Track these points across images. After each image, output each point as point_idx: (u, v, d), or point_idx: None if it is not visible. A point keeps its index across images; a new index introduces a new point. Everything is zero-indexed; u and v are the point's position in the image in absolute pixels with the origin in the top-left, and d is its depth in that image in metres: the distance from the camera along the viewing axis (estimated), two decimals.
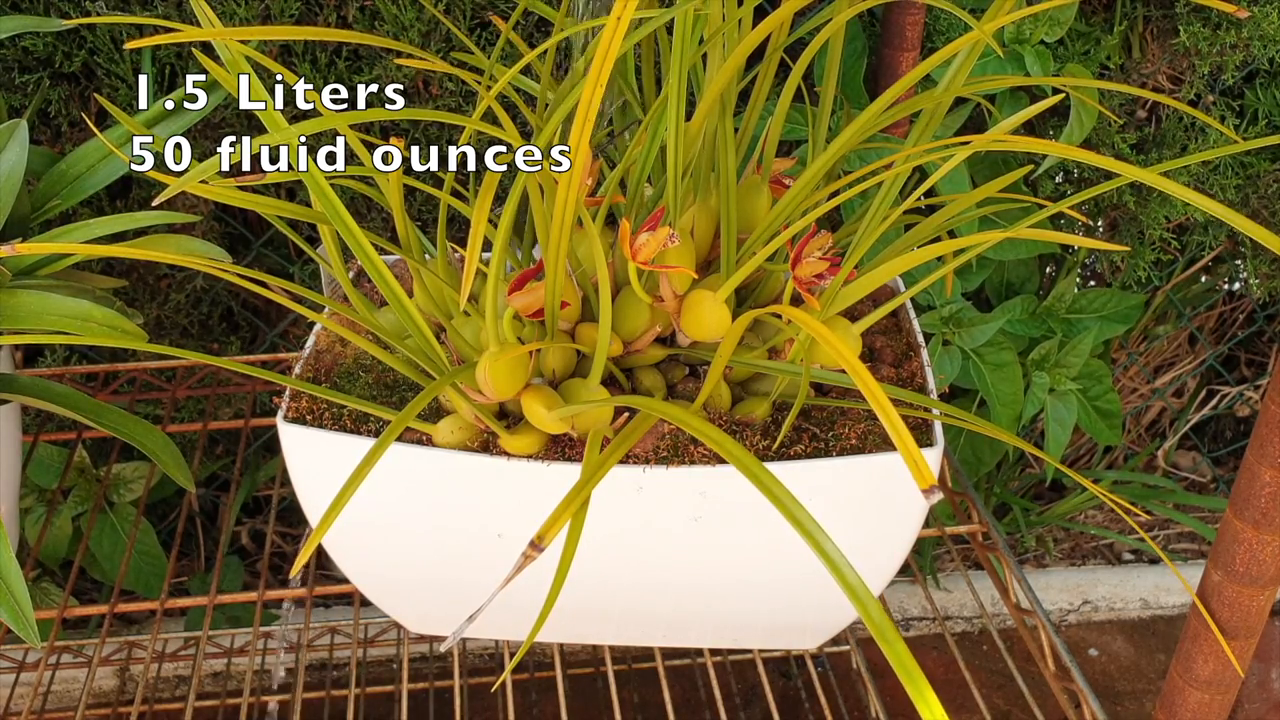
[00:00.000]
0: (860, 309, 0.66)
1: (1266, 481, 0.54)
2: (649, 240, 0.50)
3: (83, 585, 1.15)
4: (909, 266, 0.50)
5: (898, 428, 0.35)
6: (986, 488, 1.27)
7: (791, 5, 0.46)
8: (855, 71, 0.91)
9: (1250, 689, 0.93)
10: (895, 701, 1.10)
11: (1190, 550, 1.39)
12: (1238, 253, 1.18)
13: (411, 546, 0.60)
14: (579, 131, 0.42)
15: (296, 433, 0.57)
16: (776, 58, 0.58)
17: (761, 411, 0.57)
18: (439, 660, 1.16)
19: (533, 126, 0.58)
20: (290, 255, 1.01)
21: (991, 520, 0.77)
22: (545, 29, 0.88)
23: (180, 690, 1.17)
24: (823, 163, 0.53)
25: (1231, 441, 1.42)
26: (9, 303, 0.62)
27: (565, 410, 0.52)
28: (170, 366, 0.96)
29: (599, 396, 0.53)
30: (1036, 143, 0.46)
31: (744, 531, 0.57)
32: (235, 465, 0.94)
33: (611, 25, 0.39)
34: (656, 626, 0.67)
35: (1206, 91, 1.01)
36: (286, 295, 0.73)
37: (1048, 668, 0.68)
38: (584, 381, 0.54)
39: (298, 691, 0.72)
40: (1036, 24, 0.87)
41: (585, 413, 0.53)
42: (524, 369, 0.52)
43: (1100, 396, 1.08)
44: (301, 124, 0.44)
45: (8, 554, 0.58)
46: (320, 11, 0.86)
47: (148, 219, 0.68)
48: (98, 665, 0.75)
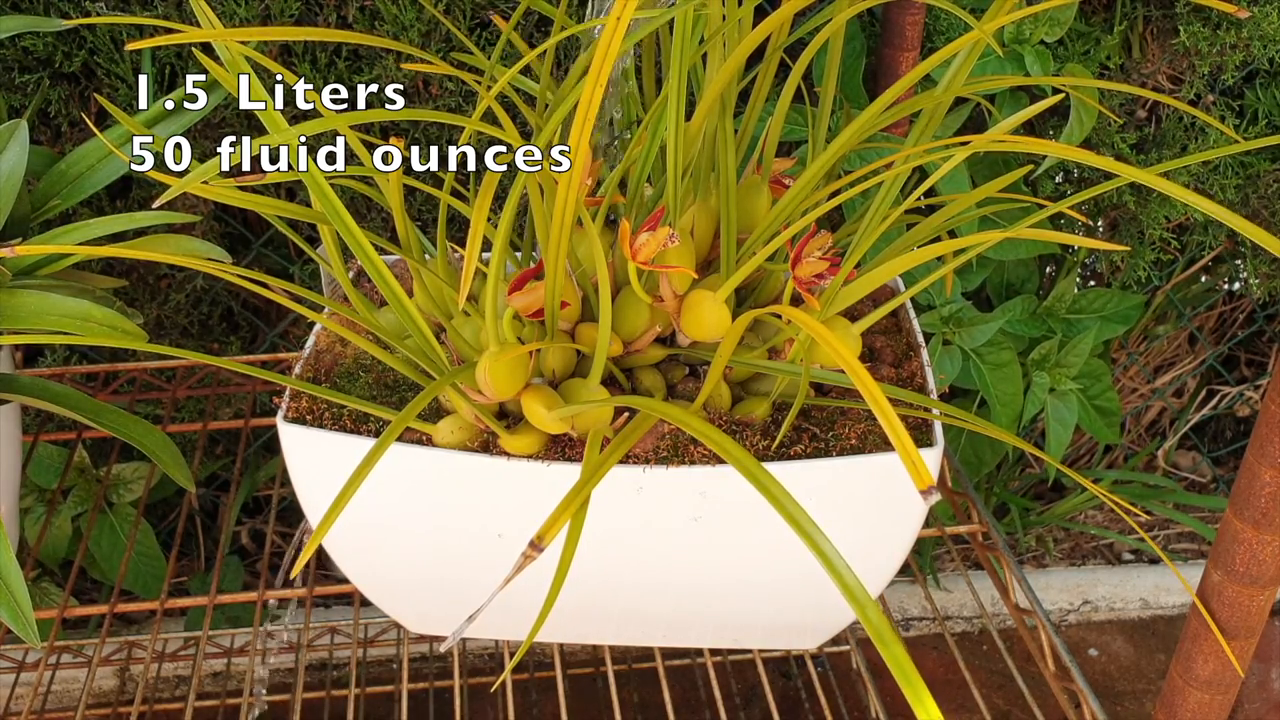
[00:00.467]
0: (860, 309, 0.66)
1: (1266, 481, 0.54)
2: (649, 240, 0.50)
3: (83, 585, 1.16)
4: (909, 266, 0.50)
5: (896, 428, 0.35)
6: (986, 488, 1.27)
7: (792, 5, 0.46)
8: (855, 71, 0.91)
9: (1250, 689, 0.93)
10: (895, 702, 1.10)
11: (1190, 550, 1.39)
12: (1238, 253, 1.18)
13: (411, 546, 0.60)
14: (579, 131, 0.42)
15: (296, 433, 0.57)
16: (776, 58, 0.58)
17: (761, 411, 0.57)
18: (439, 660, 1.16)
19: (533, 126, 0.58)
20: (290, 255, 1.01)
21: (991, 520, 0.77)
22: (545, 29, 0.88)
23: (180, 690, 1.17)
24: (823, 163, 0.53)
25: (1231, 441, 1.42)
26: (9, 303, 0.62)
27: (565, 410, 0.52)
28: (170, 366, 0.96)
29: (599, 396, 0.53)
30: (1036, 143, 0.46)
31: (744, 531, 0.57)
32: (235, 465, 0.94)
33: (611, 25, 0.39)
34: (656, 626, 0.67)
35: (1206, 91, 1.01)
36: (286, 295, 0.73)
37: (1048, 668, 0.68)
38: (584, 381, 0.54)
39: (298, 691, 0.72)
40: (1036, 24, 0.87)
41: (585, 413, 0.53)
42: (524, 369, 0.52)
43: (1100, 395, 1.08)
44: (302, 124, 0.44)
45: (8, 554, 0.58)
46: (320, 11, 0.86)
47: (148, 219, 0.68)
48: (98, 665, 0.75)
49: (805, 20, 0.59)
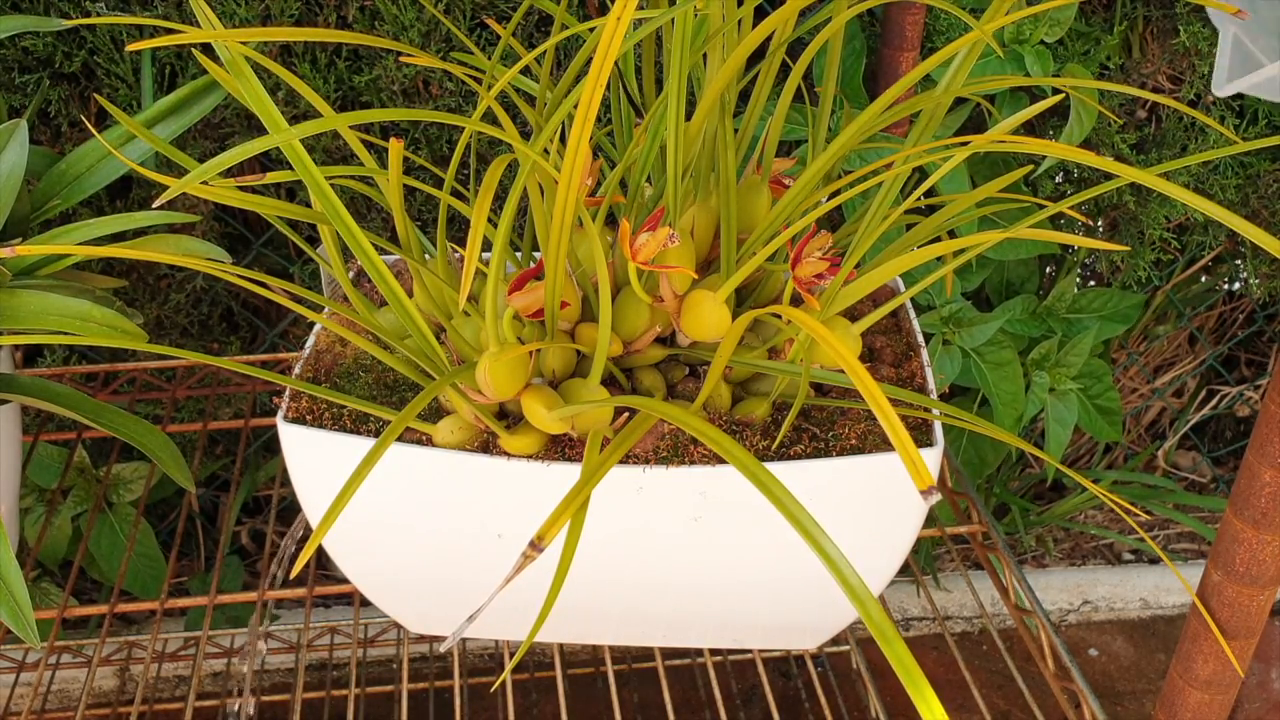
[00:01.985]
0: (860, 309, 0.66)
1: (1266, 481, 0.54)
2: (649, 240, 0.50)
3: (83, 585, 1.15)
4: (909, 266, 0.50)
5: (896, 428, 0.35)
6: (986, 488, 1.27)
7: (793, 5, 0.46)
8: (855, 71, 0.91)
9: (1250, 689, 0.93)
10: (895, 701, 1.10)
11: (1190, 550, 1.39)
12: (1238, 253, 1.18)
13: (411, 546, 0.60)
14: (579, 131, 0.42)
15: (296, 433, 0.57)
16: (778, 58, 0.58)
17: (761, 411, 0.57)
18: (439, 660, 1.16)
19: (532, 126, 0.58)
20: (290, 255, 1.01)
21: (991, 520, 0.77)
22: (545, 29, 0.88)
23: (180, 690, 1.17)
24: (823, 163, 0.53)
25: (1231, 441, 1.42)
26: (9, 303, 0.62)
27: (565, 410, 0.52)
28: (170, 366, 0.96)
29: (599, 396, 0.53)
30: (1036, 143, 0.46)
31: (744, 531, 0.57)
32: (235, 465, 0.94)
33: (611, 25, 0.39)
34: (656, 626, 0.67)
35: (1206, 91, 1.01)
36: (286, 295, 0.73)
37: (1048, 668, 0.68)
38: (584, 381, 0.54)
39: (298, 691, 0.72)
40: (1036, 24, 0.87)
41: (585, 413, 0.53)
42: (524, 369, 0.52)
43: (1100, 395, 1.08)
44: (302, 125, 0.44)
45: (8, 554, 0.58)
46: (320, 11, 0.86)
47: (147, 219, 0.68)
48: (98, 665, 0.75)
49: (806, 20, 0.59)
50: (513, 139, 0.47)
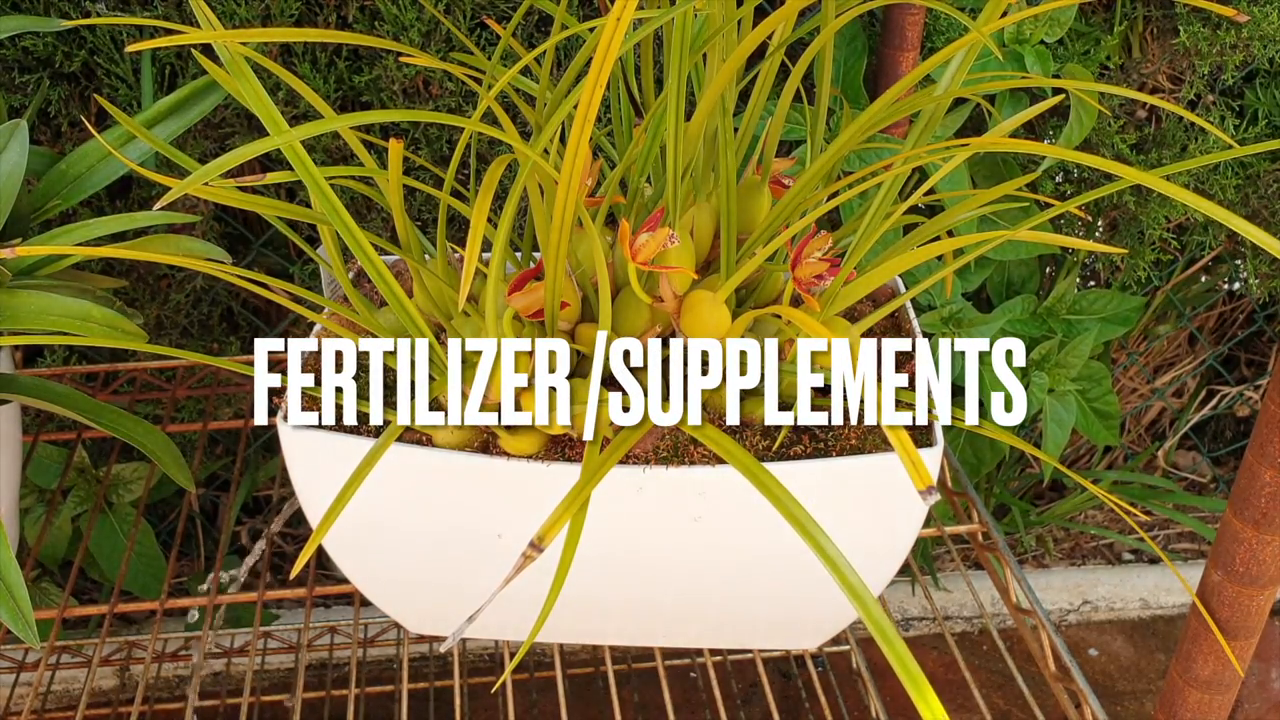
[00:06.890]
0: (860, 309, 0.66)
1: (1266, 481, 0.54)
2: (649, 240, 0.50)
3: (83, 585, 1.16)
4: (909, 266, 0.50)
5: (895, 428, 0.35)
6: (986, 488, 1.27)
7: (793, 5, 0.46)
8: (855, 71, 0.91)
9: (1250, 689, 0.93)
10: (895, 701, 1.10)
11: (1190, 550, 1.40)
12: (1238, 253, 1.18)
13: (411, 546, 0.60)
14: (579, 132, 0.42)
15: (296, 433, 0.57)
16: (777, 58, 0.58)
17: (761, 412, 0.57)
18: (439, 660, 1.16)
19: (532, 126, 0.58)
20: (290, 255, 1.01)
21: (991, 520, 0.77)
22: (545, 29, 0.88)
23: (180, 690, 1.17)
24: (823, 163, 0.53)
25: (1231, 441, 1.42)
26: (9, 303, 0.62)
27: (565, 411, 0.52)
28: (170, 366, 0.96)
29: (599, 397, 0.53)
30: (1035, 145, 0.46)
31: (744, 532, 0.57)
32: (235, 465, 0.94)
33: (610, 25, 0.39)
34: (656, 626, 0.67)
35: (1206, 91, 1.01)
36: (286, 295, 0.73)
37: (1048, 668, 0.68)
38: (584, 381, 0.54)
39: (298, 691, 0.72)
40: (1036, 24, 0.87)
41: (585, 413, 0.53)
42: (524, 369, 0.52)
43: (1099, 398, 1.08)
44: (303, 126, 0.44)
45: (8, 554, 0.58)
46: (320, 11, 0.86)
47: (148, 219, 0.68)
48: (98, 665, 0.75)
49: (805, 20, 0.59)
50: (513, 139, 0.47)
